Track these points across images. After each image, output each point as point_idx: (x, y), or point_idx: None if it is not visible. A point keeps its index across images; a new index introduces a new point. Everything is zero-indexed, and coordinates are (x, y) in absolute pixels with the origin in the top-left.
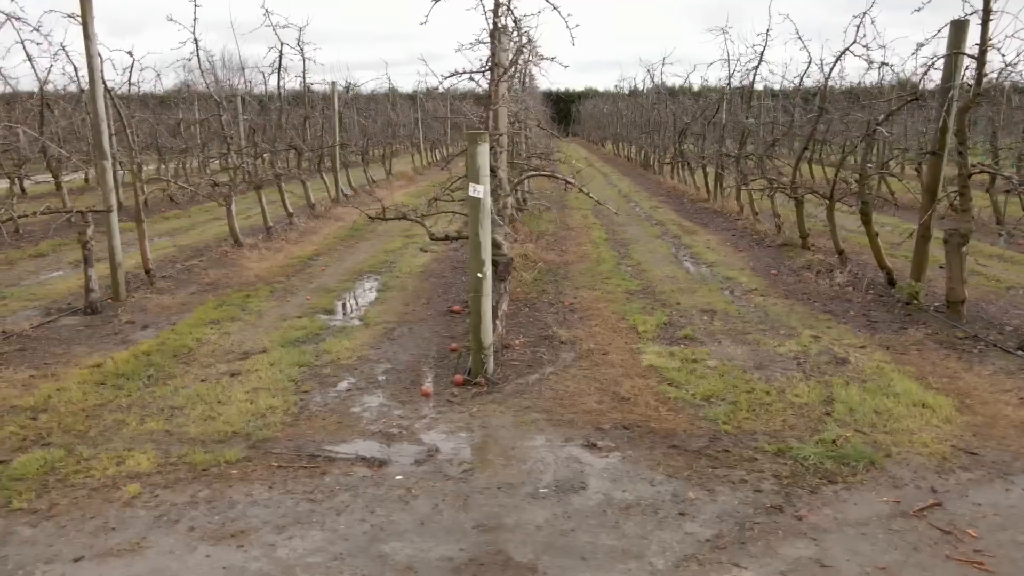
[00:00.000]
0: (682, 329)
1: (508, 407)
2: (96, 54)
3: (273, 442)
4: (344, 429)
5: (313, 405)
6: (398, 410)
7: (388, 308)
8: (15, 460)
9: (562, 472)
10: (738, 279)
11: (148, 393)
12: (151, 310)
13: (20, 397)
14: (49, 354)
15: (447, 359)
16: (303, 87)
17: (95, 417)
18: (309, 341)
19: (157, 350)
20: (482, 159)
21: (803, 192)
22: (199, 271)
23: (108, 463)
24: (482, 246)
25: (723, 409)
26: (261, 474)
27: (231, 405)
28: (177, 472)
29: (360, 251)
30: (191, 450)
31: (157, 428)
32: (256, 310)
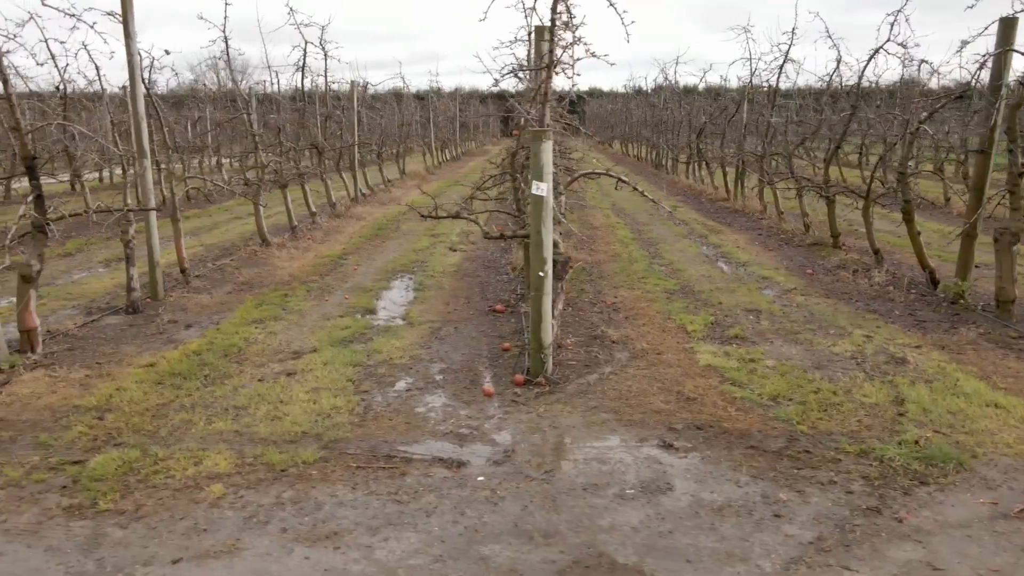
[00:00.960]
0: (731, 329)
1: (575, 407)
2: (136, 52)
3: (345, 442)
4: (414, 430)
5: (376, 405)
6: (463, 410)
7: (429, 307)
8: (91, 460)
9: (644, 473)
10: (775, 278)
11: (208, 393)
12: (191, 309)
13: (81, 397)
14: (99, 353)
15: (501, 358)
16: (325, 86)
17: (161, 417)
18: (357, 340)
19: (207, 349)
20: (545, 157)
21: (835, 191)
22: (232, 270)
23: (186, 463)
24: (544, 244)
25: (793, 409)
26: (341, 475)
27: (294, 405)
28: (256, 472)
29: (388, 250)
30: (265, 450)
31: (226, 428)
32: (297, 309)
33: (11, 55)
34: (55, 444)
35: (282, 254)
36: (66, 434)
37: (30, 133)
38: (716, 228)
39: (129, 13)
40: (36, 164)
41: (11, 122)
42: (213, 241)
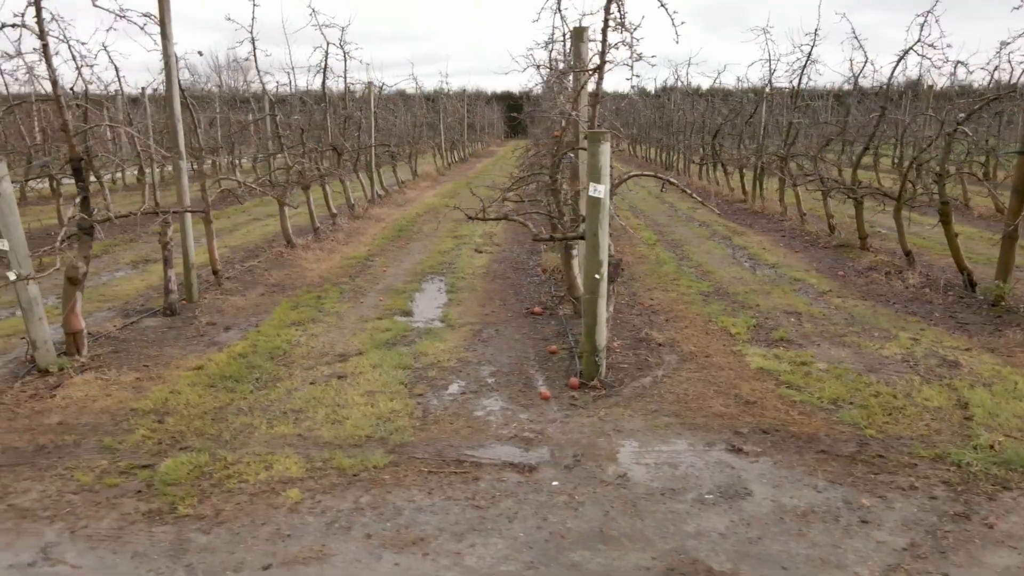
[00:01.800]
0: (774, 331)
1: (635, 410)
2: (173, 54)
3: (411, 447)
4: (477, 433)
5: (433, 408)
6: (523, 414)
7: (465, 310)
8: (161, 464)
9: (719, 477)
10: (807, 280)
11: (262, 396)
12: (227, 311)
13: (136, 400)
14: (144, 356)
15: (549, 361)
16: (345, 87)
17: (221, 420)
18: (400, 343)
19: (252, 352)
20: (603, 159)
21: (864, 193)
22: (261, 272)
23: (257, 468)
24: (600, 247)
25: (856, 413)
26: (414, 479)
27: (352, 408)
28: (328, 477)
29: (414, 252)
30: (333, 454)
31: (288, 432)
32: (334, 311)
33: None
34: (120, 448)
35: (308, 256)
36: (129, 437)
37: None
38: (738, 230)
39: (166, 15)
40: (83, 165)
41: (59, 123)
42: (236, 243)
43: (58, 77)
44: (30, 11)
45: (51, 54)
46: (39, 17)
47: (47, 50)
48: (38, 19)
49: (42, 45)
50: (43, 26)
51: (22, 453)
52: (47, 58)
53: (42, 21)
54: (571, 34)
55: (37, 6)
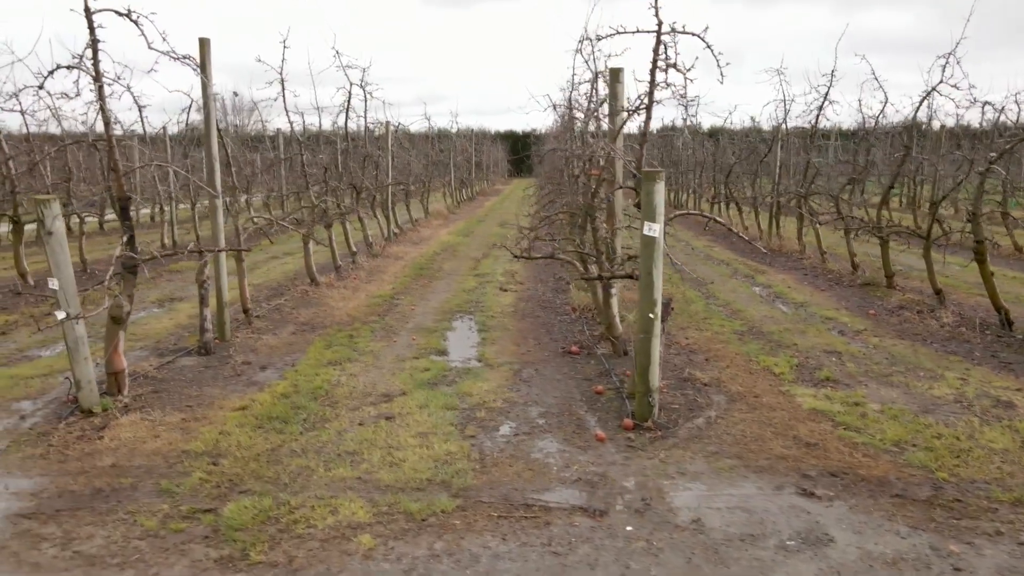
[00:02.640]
0: (818, 371)
1: (695, 452)
2: (212, 95)
3: (475, 490)
4: (539, 476)
5: (488, 450)
6: (581, 456)
7: (500, 348)
8: (223, 508)
9: (796, 523)
10: (839, 319)
11: (313, 437)
12: (260, 350)
13: (187, 442)
14: (185, 396)
15: (596, 401)
16: (365, 127)
17: (276, 462)
18: (441, 383)
19: (294, 392)
20: (658, 198)
21: (889, 232)
22: (289, 310)
23: (323, 512)
24: (655, 286)
25: (923, 456)
26: (484, 524)
27: (408, 451)
28: (397, 522)
29: (439, 291)
30: (397, 498)
31: (347, 475)
32: (368, 351)
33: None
34: (179, 491)
35: (334, 294)
36: (186, 480)
37: (127, 174)
38: (758, 268)
39: (207, 56)
40: (129, 204)
41: (111, 163)
42: (258, 281)
43: (110, 119)
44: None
45: (105, 96)
46: (95, 59)
47: (102, 91)
48: (94, 61)
49: (97, 87)
50: (98, 68)
51: (79, 496)
52: (101, 99)
53: (98, 63)
54: (608, 75)
55: (94, 48)
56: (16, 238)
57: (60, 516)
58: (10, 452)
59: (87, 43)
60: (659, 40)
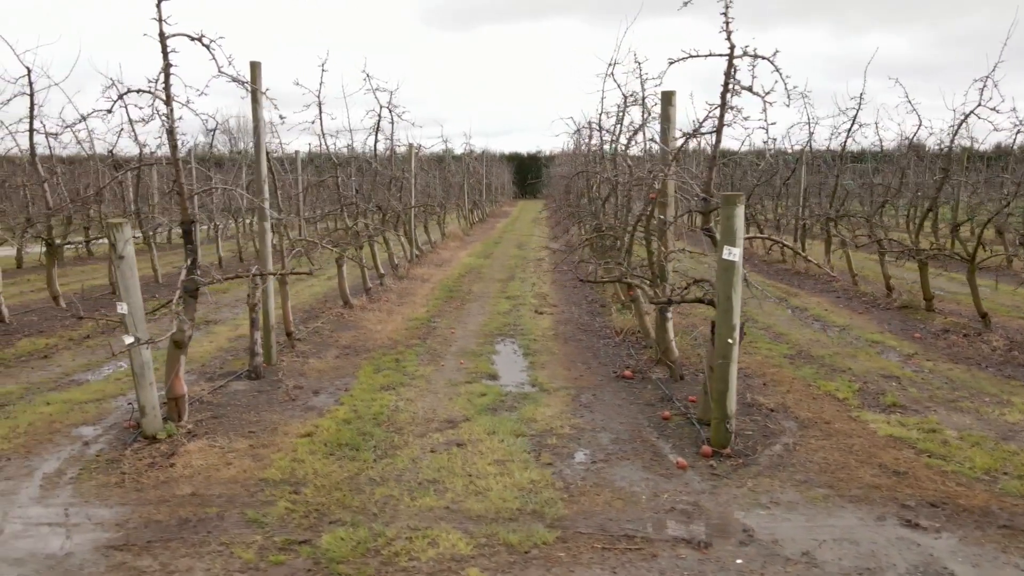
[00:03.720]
0: (882, 396)
1: (783, 481)
2: (262, 118)
3: (569, 520)
4: (630, 506)
5: (569, 478)
6: (666, 484)
7: (551, 373)
8: (319, 540)
9: (909, 556)
10: (886, 343)
11: (388, 465)
12: (309, 374)
13: (262, 469)
14: (245, 421)
15: (665, 428)
16: (391, 148)
17: (358, 491)
18: (501, 408)
19: (355, 418)
20: (738, 222)
21: (928, 254)
22: (328, 333)
23: (421, 544)
24: (733, 311)
25: (1019, 484)
26: (591, 556)
27: (489, 479)
28: (499, 555)
29: (473, 313)
30: (492, 529)
31: (435, 504)
32: (419, 375)
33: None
34: (267, 521)
35: (370, 317)
36: (272, 510)
37: (192, 196)
38: (789, 291)
39: (258, 80)
40: (192, 228)
41: (177, 186)
42: (291, 303)
43: (177, 141)
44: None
45: (175, 119)
46: (167, 83)
47: (171, 116)
48: (166, 85)
49: (168, 110)
50: (170, 92)
51: (166, 527)
52: (171, 123)
53: (169, 87)
54: (660, 98)
55: (166, 72)
56: (49, 260)
57: (152, 548)
58: (83, 480)
59: (161, 68)
60: (731, 63)
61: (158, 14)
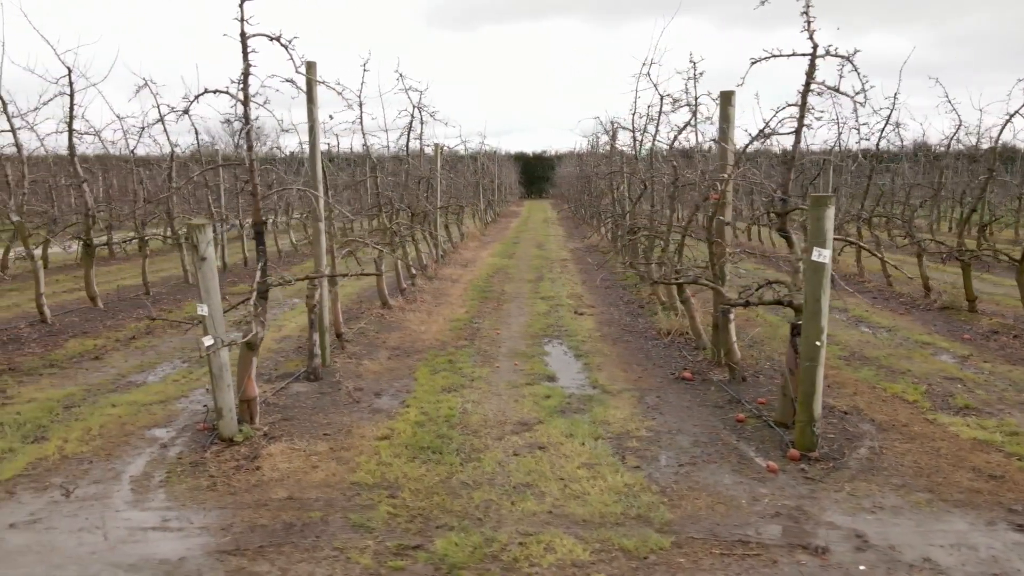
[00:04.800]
0: (951, 398)
1: (880, 485)
2: (317, 118)
3: (677, 524)
4: (733, 510)
5: (663, 482)
6: (761, 488)
7: (609, 375)
8: (431, 545)
9: None
10: (937, 344)
11: (475, 468)
12: (365, 375)
13: (349, 472)
14: (316, 423)
15: (742, 430)
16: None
17: (454, 495)
18: (569, 410)
19: (427, 420)
20: (828, 223)
21: (970, 255)
22: (374, 334)
23: (537, 550)
24: (822, 313)
25: None
26: (712, 562)
27: (582, 482)
28: (618, 560)
29: (513, 314)
30: (603, 534)
31: (537, 509)
32: (477, 377)
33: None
34: (374, 526)
35: (411, 317)
36: (373, 514)
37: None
38: None
39: (313, 80)
40: (264, 229)
41: (251, 187)
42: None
43: (253, 143)
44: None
45: (250, 122)
46: (246, 84)
47: (248, 117)
48: (244, 86)
49: (244, 113)
50: (247, 92)
51: (272, 531)
52: (247, 126)
53: (247, 88)
54: (719, 98)
55: (246, 73)
56: (87, 261)
57: (265, 552)
58: (173, 483)
59: (242, 69)
60: (813, 63)
61: (240, 14)
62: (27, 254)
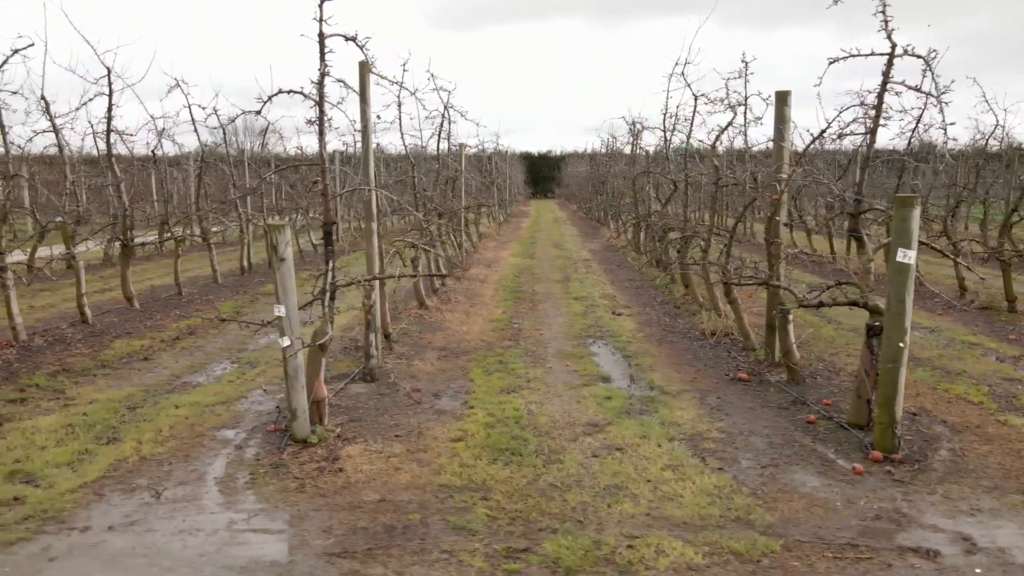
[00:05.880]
0: (1015, 400)
1: (971, 487)
2: (370, 118)
3: (779, 527)
4: (831, 513)
5: (752, 484)
6: (851, 490)
7: (663, 376)
8: (540, 548)
9: None
10: (985, 344)
11: (559, 470)
12: (418, 376)
13: (434, 474)
14: (384, 425)
15: (816, 432)
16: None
17: (547, 497)
18: (634, 411)
19: (496, 422)
20: (914, 224)
21: (1010, 254)
22: (417, 334)
23: (648, 552)
24: (906, 314)
25: None
26: (827, 566)
27: (673, 484)
28: (731, 564)
29: (550, 314)
30: (709, 537)
31: (634, 511)
32: (532, 377)
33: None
34: (476, 529)
35: (449, 318)
36: (471, 517)
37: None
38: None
39: (366, 80)
40: (333, 229)
41: (323, 188)
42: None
43: (326, 143)
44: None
45: (325, 122)
46: (321, 84)
47: (322, 119)
48: (320, 86)
49: (319, 113)
50: (323, 93)
51: (374, 534)
52: (321, 126)
53: (323, 89)
54: (775, 98)
55: (322, 74)
56: (124, 261)
57: (375, 555)
58: (259, 484)
59: (319, 70)
60: (891, 63)
61: (319, 14)
62: (69, 254)
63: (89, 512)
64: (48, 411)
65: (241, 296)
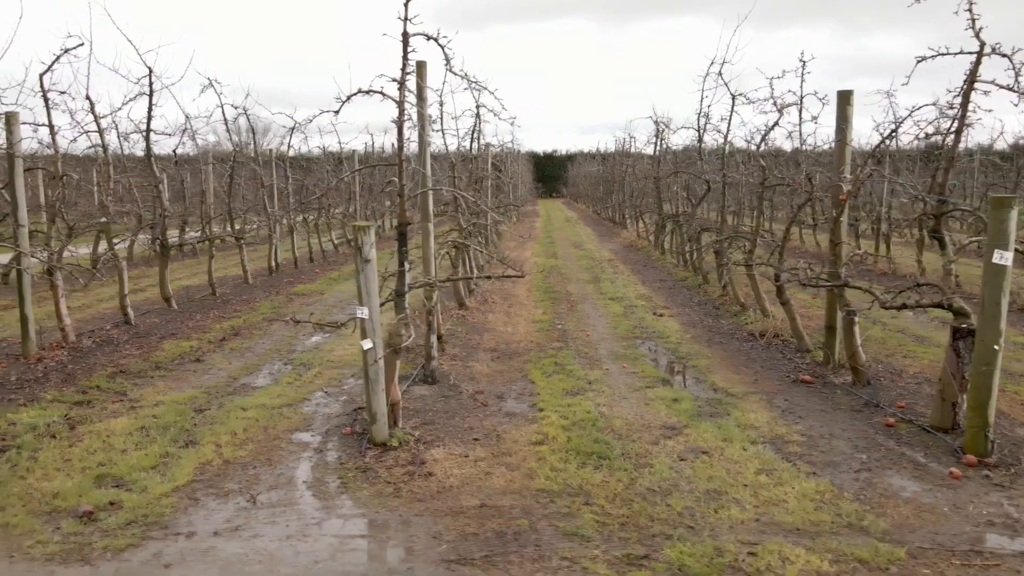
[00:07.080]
0: None
1: None
2: (427, 117)
3: (895, 533)
4: (941, 518)
5: (849, 488)
6: (952, 494)
7: (723, 377)
8: (659, 554)
9: None
10: None
11: (650, 474)
12: (477, 378)
13: (528, 479)
14: (459, 428)
15: (898, 435)
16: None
17: (648, 501)
18: (705, 414)
19: (572, 425)
20: (1011, 224)
21: None
22: (464, 336)
23: (773, 560)
24: (1001, 316)
25: None
26: (956, 573)
27: (772, 489)
28: (859, 571)
29: (591, 315)
30: (829, 543)
31: (743, 517)
32: (593, 379)
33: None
34: (588, 535)
35: (492, 319)
36: (579, 522)
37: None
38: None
39: (423, 80)
40: (407, 230)
41: (399, 188)
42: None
43: (404, 143)
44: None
45: (403, 122)
46: (403, 85)
47: (401, 118)
48: (402, 87)
49: (399, 113)
50: (403, 95)
51: (486, 540)
52: (400, 126)
53: (403, 90)
54: (837, 97)
55: (403, 73)
56: (162, 261)
57: (494, 561)
58: (352, 489)
59: (402, 68)
60: (979, 61)
61: (404, 13)
62: (112, 254)
63: (189, 517)
64: (116, 413)
65: (275, 296)
